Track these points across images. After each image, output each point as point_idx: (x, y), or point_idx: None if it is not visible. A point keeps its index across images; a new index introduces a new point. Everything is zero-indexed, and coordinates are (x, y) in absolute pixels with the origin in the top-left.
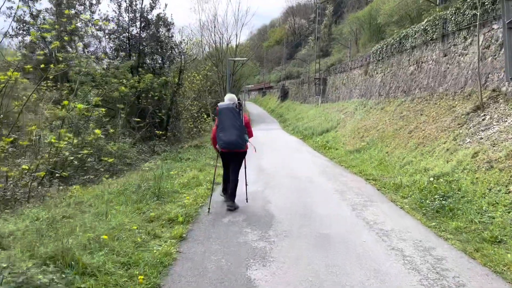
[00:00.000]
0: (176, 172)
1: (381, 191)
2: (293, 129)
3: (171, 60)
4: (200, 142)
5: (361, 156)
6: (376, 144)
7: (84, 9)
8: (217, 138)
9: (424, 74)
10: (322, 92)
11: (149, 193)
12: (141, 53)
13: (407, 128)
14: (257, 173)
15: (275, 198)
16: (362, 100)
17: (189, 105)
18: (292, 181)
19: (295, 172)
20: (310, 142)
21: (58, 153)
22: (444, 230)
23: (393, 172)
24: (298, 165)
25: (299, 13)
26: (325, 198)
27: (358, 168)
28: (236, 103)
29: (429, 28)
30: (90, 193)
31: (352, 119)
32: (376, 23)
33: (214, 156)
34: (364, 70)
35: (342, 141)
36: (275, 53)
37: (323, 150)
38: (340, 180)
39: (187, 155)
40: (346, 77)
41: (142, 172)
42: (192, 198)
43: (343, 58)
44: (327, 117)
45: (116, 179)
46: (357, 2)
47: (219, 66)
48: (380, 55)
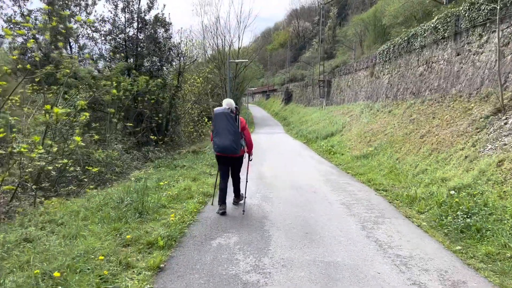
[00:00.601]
0: (166, 182)
1: (393, 204)
2: (296, 133)
3: (169, 61)
4: (199, 148)
5: (369, 163)
6: (384, 149)
7: (80, 10)
8: (213, 142)
9: (435, 74)
10: (327, 95)
11: (131, 209)
12: (138, 55)
13: (418, 132)
14: (257, 181)
15: (274, 214)
16: (368, 102)
17: (190, 108)
18: (294, 192)
19: (298, 181)
20: (314, 146)
21: (30, 164)
22: (473, 256)
23: (405, 181)
24: (301, 172)
25: (303, 16)
26: (331, 214)
27: (366, 176)
28: (232, 108)
29: (440, 26)
30: (66, 209)
31: (358, 122)
32: (381, 24)
33: (211, 163)
34: (370, 72)
35: (347, 145)
36: (279, 56)
37: (327, 155)
38: (347, 190)
39: (182, 162)
40: (351, 79)
41: (129, 183)
42: (179, 215)
43: (347, 60)
44: (331, 120)
45: (101, 190)
46: (361, 4)
47: (221, 69)
48: (387, 56)
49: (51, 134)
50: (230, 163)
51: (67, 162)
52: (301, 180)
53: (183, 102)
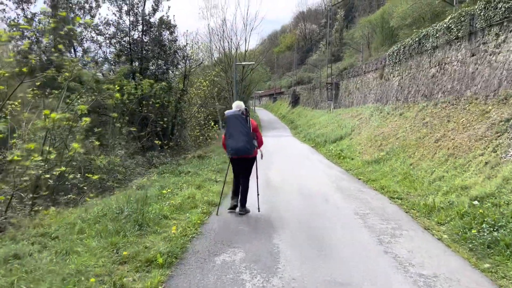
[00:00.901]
0: (170, 190)
1: (410, 214)
2: (304, 136)
3: (174, 65)
4: (204, 152)
5: (381, 168)
6: (397, 154)
7: (84, 13)
8: (226, 145)
9: (448, 76)
10: (335, 97)
11: (130, 221)
12: (143, 58)
13: (432, 136)
14: (264, 189)
15: (283, 226)
16: (378, 105)
17: (196, 112)
18: (303, 200)
19: (307, 188)
20: (322, 150)
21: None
22: (504, 276)
23: (421, 189)
24: (311, 178)
25: (310, 18)
26: (344, 225)
27: (378, 182)
28: (243, 110)
29: (454, 25)
30: (62, 220)
31: (368, 125)
32: (388, 26)
33: (217, 169)
34: (379, 74)
35: (357, 149)
36: (286, 59)
37: (337, 159)
38: (359, 198)
39: (187, 167)
40: (360, 81)
41: (130, 191)
42: (181, 228)
43: (354, 62)
44: (340, 124)
45: (102, 198)
46: (368, 6)
47: (228, 72)
48: (397, 57)
49: (51, 140)
50: (244, 165)
51: (65, 170)
52: (311, 187)
53: (189, 106)
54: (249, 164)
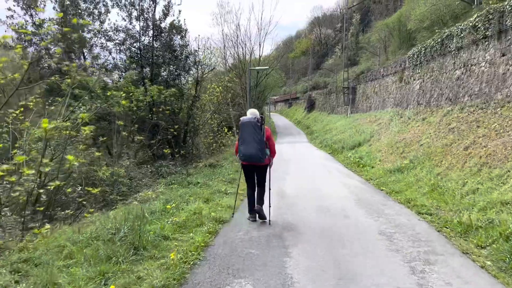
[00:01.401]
0: (175, 205)
1: (443, 234)
2: (320, 142)
3: (186, 70)
4: (216, 160)
5: (405, 178)
6: (422, 162)
7: (93, 19)
8: (238, 151)
9: (475, 78)
10: (352, 102)
11: (126, 243)
12: (153, 64)
13: (461, 143)
14: (278, 202)
15: (298, 250)
16: (398, 109)
17: (209, 118)
18: (321, 216)
19: (325, 201)
20: (340, 157)
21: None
22: None
23: (452, 203)
24: (328, 189)
25: (325, 23)
26: (368, 249)
27: (403, 195)
28: (258, 118)
29: (481, 24)
30: (53, 241)
31: (388, 131)
32: (406, 29)
33: (228, 179)
34: (398, 77)
35: (378, 157)
36: (301, 64)
37: (356, 168)
38: (384, 214)
39: (197, 178)
40: (378, 85)
41: (131, 207)
42: (183, 252)
43: (371, 66)
44: (358, 129)
45: (102, 214)
46: (385, 10)
47: (242, 78)
48: (418, 60)
49: (51, 151)
50: (255, 172)
51: (59, 184)
52: (329, 200)
53: (202, 112)
54: (261, 171)
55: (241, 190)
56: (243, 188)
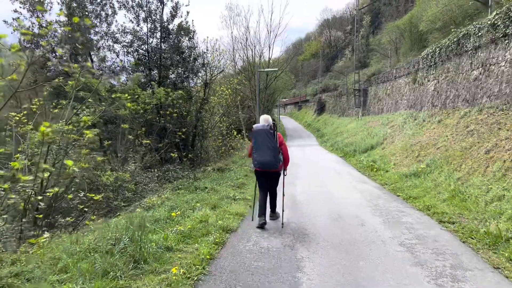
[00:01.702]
0: (180, 212)
1: (469, 245)
2: (331, 145)
3: (194, 72)
4: (225, 164)
5: (422, 183)
6: (439, 166)
7: (100, 21)
8: (252, 158)
9: (495, 78)
10: (363, 104)
11: (125, 255)
12: (161, 66)
13: (481, 146)
14: (289, 209)
15: (311, 264)
16: (411, 111)
17: (218, 121)
18: (334, 224)
19: (338, 207)
20: (352, 161)
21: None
22: None
23: (476, 210)
24: (342, 195)
25: (335, 25)
26: (388, 262)
27: (421, 201)
28: (271, 124)
29: (500, 22)
30: (49, 252)
31: (401, 134)
32: (417, 30)
33: (237, 184)
34: (412, 78)
35: (392, 160)
36: (311, 67)
37: (369, 172)
38: (402, 222)
39: (205, 182)
40: (391, 87)
41: (134, 214)
42: (186, 265)
43: (382, 68)
44: (370, 132)
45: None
46: (395, 12)
47: (251, 80)
48: (432, 60)
49: (52, 156)
50: (269, 178)
51: (57, 191)
52: (342, 206)
53: (211, 115)
54: (275, 178)
55: (249, 196)
56: (252, 194)
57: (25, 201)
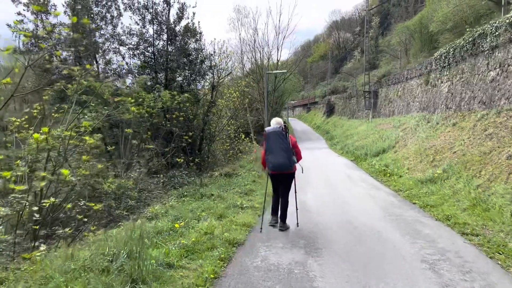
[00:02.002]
0: (184, 223)
1: (497, 262)
2: (342, 148)
3: (201, 75)
4: (232, 169)
5: (439, 190)
6: (457, 172)
7: (106, 23)
8: (266, 161)
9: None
10: (373, 106)
11: (123, 273)
12: (168, 69)
13: (502, 151)
14: (299, 219)
15: (326, 285)
16: (424, 114)
17: (226, 125)
18: (349, 238)
19: (352, 217)
20: (364, 165)
21: None
22: None
23: (502, 221)
24: (355, 203)
25: (344, 27)
26: (412, 283)
27: (440, 210)
28: (282, 126)
29: None
30: (40, 270)
31: (414, 137)
32: (427, 31)
33: (245, 190)
34: (424, 80)
35: (405, 165)
36: (319, 68)
37: (382, 177)
38: (421, 234)
39: (212, 188)
40: (402, 89)
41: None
42: (188, 286)
43: (392, 70)
44: (381, 135)
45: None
46: (405, 13)
47: (259, 83)
48: (446, 61)
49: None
50: (284, 180)
51: (54, 201)
52: (356, 216)
53: (218, 118)
54: (289, 179)
55: (257, 204)
56: (260, 202)
57: (18, 212)
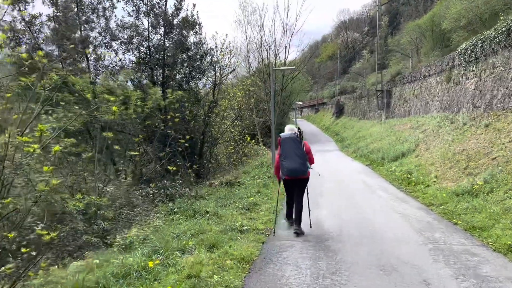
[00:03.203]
0: (163, 258)
1: None
2: (354, 152)
3: (201, 72)
4: (235, 177)
5: (483, 206)
6: (503, 183)
7: (97, 16)
8: (280, 166)
9: None
10: (386, 106)
11: None
12: (165, 65)
13: None
14: (314, 248)
15: None
16: (446, 114)
17: (230, 126)
18: (383, 281)
19: (383, 247)
20: (382, 171)
21: None
22: None
23: None
24: (381, 222)
25: (352, 27)
26: None
27: (493, 235)
28: (297, 133)
29: None
30: None
31: (437, 139)
32: (439, 29)
33: (247, 205)
34: (445, 77)
35: (432, 172)
36: (327, 69)
37: (406, 186)
38: (480, 275)
39: (209, 202)
40: (419, 87)
41: (90, 264)
42: None
43: (402, 70)
44: (398, 137)
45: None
46: (415, 11)
47: (266, 82)
48: (472, 55)
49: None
50: (297, 185)
51: None
52: (388, 245)
53: (221, 120)
54: (303, 184)
55: (261, 224)
56: (265, 221)
57: None
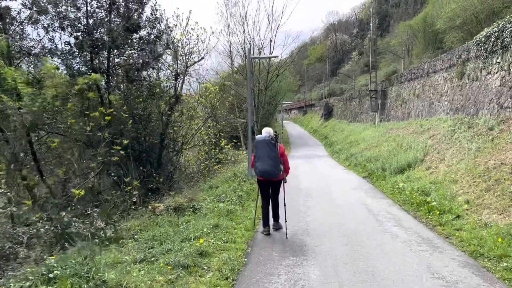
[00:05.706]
0: None
1: None
2: (347, 159)
3: (155, 57)
4: (189, 199)
5: None
6: None
7: None
8: (254, 167)
9: None
10: (381, 108)
11: None
12: (110, 49)
13: None
14: None
15: None
16: (460, 116)
17: (201, 127)
18: None
19: None
20: (385, 187)
21: None
22: None
23: None
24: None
25: (341, 29)
26: None
27: None
28: (272, 136)
29: None
30: None
31: (453, 147)
32: (432, 30)
33: (192, 252)
34: (457, 72)
35: (457, 193)
36: (316, 70)
37: (426, 215)
38: None
39: (120, 257)
40: (421, 86)
41: None
42: None
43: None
44: (399, 142)
45: None
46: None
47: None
48: (496, 44)
49: None
50: (271, 186)
51: None
52: None
53: (189, 119)
54: (276, 185)
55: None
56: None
57: None
